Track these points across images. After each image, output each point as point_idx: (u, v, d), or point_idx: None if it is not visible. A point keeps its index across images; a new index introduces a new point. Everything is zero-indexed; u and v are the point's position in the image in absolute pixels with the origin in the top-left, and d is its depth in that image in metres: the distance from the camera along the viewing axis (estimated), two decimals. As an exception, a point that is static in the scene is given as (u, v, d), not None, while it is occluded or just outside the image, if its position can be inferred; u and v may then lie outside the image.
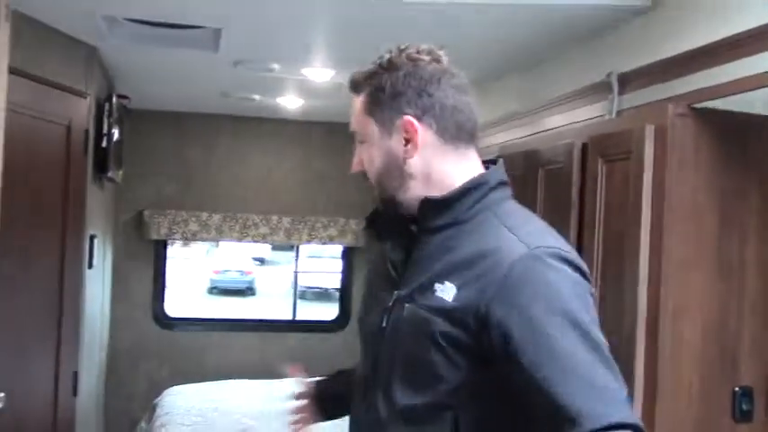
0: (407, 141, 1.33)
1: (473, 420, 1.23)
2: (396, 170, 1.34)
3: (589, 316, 1.18)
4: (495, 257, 1.22)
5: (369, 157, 1.36)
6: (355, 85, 1.38)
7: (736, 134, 2.08)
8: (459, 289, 1.23)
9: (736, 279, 2.08)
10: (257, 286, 19.27)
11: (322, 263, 15.19)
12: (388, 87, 1.33)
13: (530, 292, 1.17)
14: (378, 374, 1.35)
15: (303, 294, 18.06)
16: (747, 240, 2.08)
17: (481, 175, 1.34)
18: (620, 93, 2.36)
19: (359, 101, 1.37)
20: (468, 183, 1.33)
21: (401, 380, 1.30)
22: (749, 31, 1.83)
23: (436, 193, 1.33)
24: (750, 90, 1.86)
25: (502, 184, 1.36)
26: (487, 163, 1.40)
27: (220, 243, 19.40)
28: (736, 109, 2.02)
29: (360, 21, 2.73)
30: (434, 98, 1.33)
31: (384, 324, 1.34)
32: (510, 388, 1.18)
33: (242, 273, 19.52)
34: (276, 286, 17.25)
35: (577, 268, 1.23)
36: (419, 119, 1.32)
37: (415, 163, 1.33)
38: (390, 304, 1.34)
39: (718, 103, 2.00)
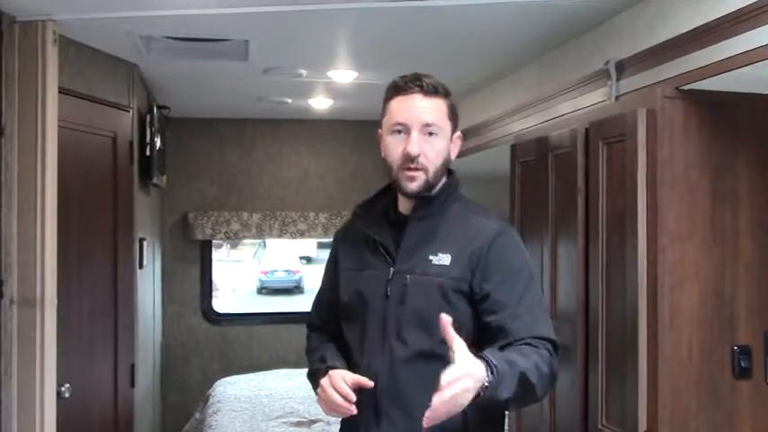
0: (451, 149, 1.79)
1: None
2: (444, 165, 1.77)
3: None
4: (480, 233, 1.74)
5: (438, 149, 1.73)
6: (436, 90, 1.74)
7: (723, 112, 2.19)
8: (453, 256, 1.71)
9: (729, 246, 2.19)
10: (305, 284, 19.60)
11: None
12: (455, 108, 1.79)
13: (509, 251, 1.74)
14: (387, 329, 1.72)
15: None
16: (739, 210, 2.20)
17: (453, 177, 1.82)
18: (618, 78, 2.50)
19: (442, 103, 1.74)
20: (447, 183, 1.80)
21: (414, 328, 1.69)
22: (729, 14, 1.95)
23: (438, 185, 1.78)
24: (733, 70, 1.99)
25: (458, 183, 1.83)
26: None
27: (268, 244, 19.68)
28: (721, 89, 2.15)
29: (378, 27, 2.89)
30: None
31: (389, 293, 1.73)
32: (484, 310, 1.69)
33: (289, 272, 19.86)
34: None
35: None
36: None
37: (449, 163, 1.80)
38: (390, 277, 1.74)
39: (706, 84, 2.13)
